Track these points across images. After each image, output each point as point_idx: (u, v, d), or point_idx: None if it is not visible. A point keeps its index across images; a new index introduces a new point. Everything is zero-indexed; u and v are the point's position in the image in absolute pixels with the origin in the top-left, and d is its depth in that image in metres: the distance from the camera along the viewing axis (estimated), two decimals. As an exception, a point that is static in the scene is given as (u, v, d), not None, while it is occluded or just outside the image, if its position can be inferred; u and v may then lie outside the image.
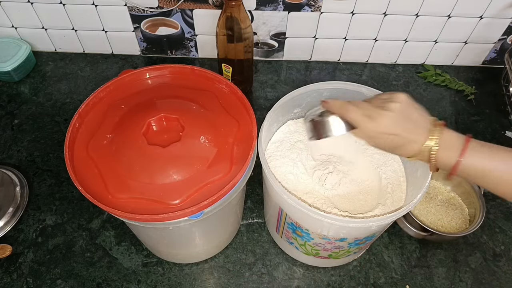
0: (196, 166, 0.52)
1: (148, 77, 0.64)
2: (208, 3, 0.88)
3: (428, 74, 0.98)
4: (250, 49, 0.83)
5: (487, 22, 0.90)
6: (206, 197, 0.50)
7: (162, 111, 0.56)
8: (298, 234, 0.60)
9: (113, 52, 1.02)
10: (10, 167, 0.78)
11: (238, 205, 0.67)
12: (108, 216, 0.74)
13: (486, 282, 0.69)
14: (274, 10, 0.89)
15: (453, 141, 0.48)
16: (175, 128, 0.55)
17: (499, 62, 1.00)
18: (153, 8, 0.89)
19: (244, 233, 0.73)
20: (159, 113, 0.56)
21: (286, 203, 0.53)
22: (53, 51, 1.02)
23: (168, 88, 0.63)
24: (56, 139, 0.85)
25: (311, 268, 0.70)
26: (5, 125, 0.87)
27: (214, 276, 0.69)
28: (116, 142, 0.54)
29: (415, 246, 0.72)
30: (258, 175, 0.75)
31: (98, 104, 0.61)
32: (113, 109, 0.59)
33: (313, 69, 1.00)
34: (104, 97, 0.61)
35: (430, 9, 0.88)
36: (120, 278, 0.68)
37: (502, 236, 0.74)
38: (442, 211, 0.74)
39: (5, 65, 0.91)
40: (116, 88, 0.62)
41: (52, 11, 0.91)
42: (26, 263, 0.69)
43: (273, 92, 0.95)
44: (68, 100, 0.92)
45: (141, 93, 0.62)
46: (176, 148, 0.53)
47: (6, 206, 0.73)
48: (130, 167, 0.52)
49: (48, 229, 0.73)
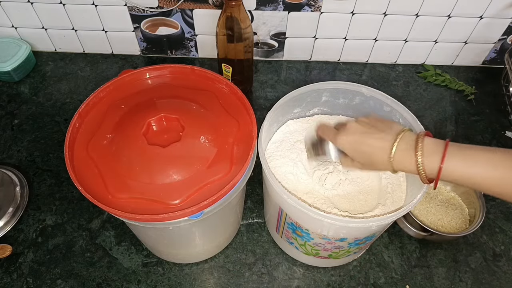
0: (196, 166, 0.52)
1: (148, 77, 0.64)
2: (208, 3, 0.88)
3: (428, 74, 0.98)
4: (250, 49, 0.83)
5: (487, 22, 0.90)
6: (206, 197, 0.50)
7: (162, 111, 0.56)
8: (298, 234, 0.60)
9: (113, 52, 1.02)
10: (10, 167, 0.78)
11: (238, 205, 0.67)
12: (108, 216, 0.74)
13: (486, 282, 0.69)
14: (274, 10, 0.89)
15: (434, 147, 0.47)
16: (175, 128, 0.55)
17: (499, 62, 1.00)
18: (153, 8, 0.89)
19: (244, 233, 0.73)
20: (159, 113, 0.56)
21: (286, 203, 0.53)
22: (53, 51, 1.02)
23: (168, 88, 0.63)
24: (56, 139, 0.85)
25: (311, 268, 0.70)
26: (5, 125, 0.87)
27: (214, 276, 0.69)
28: (116, 142, 0.54)
29: (415, 246, 0.72)
30: (258, 175, 0.75)
31: (98, 104, 0.61)
32: (113, 109, 0.59)
33: (313, 69, 1.00)
34: (104, 97, 0.61)
35: (430, 9, 0.88)
36: (120, 278, 0.68)
37: (502, 236, 0.74)
38: (442, 211, 0.74)
39: (5, 65, 0.91)
40: (116, 88, 0.62)
41: (52, 11, 0.91)
42: (26, 263, 0.69)
43: (273, 92, 0.95)
44: (68, 100, 0.92)
45: (141, 93, 0.62)
46: (176, 148, 0.53)
47: (6, 206, 0.73)
48: (130, 167, 0.52)
49: (48, 229, 0.73)
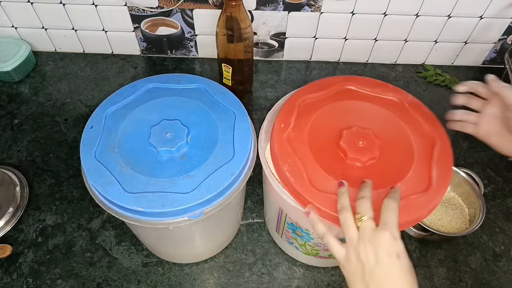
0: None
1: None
2: (208, 3, 0.88)
3: (428, 74, 0.98)
4: (250, 49, 0.83)
5: (487, 22, 0.90)
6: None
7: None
8: (298, 234, 0.60)
9: (113, 52, 1.02)
10: (10, 167, 0.78)
11: (238, 205, 0.67)
12: (108, 216, 0.74)
13: (486, 282, 0.69)
14: (274, 10, 0.89)
15: None
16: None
17: (499, 62, 1.00)
18: (153, 8, 0.89)
19: (244, 233, 0.73)
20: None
21: (286, 203, 0.53)
22: (53, 51, 1.02)
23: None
24: (56, 139, 0.85)
25: (311, 268, 0.70)
26: (5, 125, 0.87)
27: (214, 276, 0.69)
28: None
29: (415, 246, 0.72)
30: (258, 175, 0.75)
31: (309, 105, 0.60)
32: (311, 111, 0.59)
33: (313, 69, 1.00)
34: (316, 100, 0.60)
35: (430, 9, 0.88)
36: (120, 278, 0.68)
37: (502, 236, 0.74)
38: (442, 211, 0.74)
39: (5, 65, 0.91)
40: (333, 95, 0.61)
41: (52, 11, 0.91)
42: (26, 263, 0.69)
43: (273, 92, 0.95)
44: (68, 100, 0.92)
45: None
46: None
47: (6, 206, 0.73)
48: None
49: (48, 229, 0.73)
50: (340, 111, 0.59)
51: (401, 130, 0.57)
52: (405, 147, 0.55)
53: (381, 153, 0.53)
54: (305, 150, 0.54)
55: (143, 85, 0.62)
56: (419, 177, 0.52)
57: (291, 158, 0.52)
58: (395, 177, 0.51)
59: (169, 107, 0.59)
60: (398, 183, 0.51)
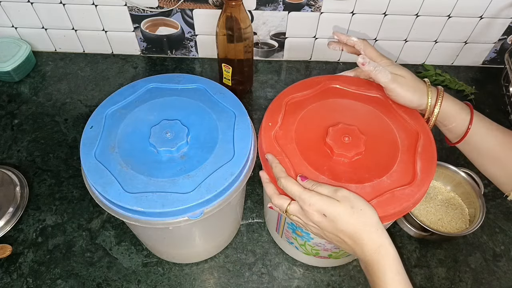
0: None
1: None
2: (208, 3, 0.88)
3: (428, 74, 0.98)
4: (250, 49, 0.83)
5: (487, 22, 0.90)
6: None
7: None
8: (298, 234, 0.60)
9: (113, 52, 1.02)
10: (10, 167, 0.78)
11: (238, 205, 0.67)
12: (108, 216, 0.74)
13: (486, 282, 0.69)
14: (274, 10, 0.89)
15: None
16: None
17: (499, 62, 1.00)
18: (153, 8, 0.89)
19: (244, 233, 0.73)
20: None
21: (286, 203, 0.53)
22: (53, 51, 1.02)
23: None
24: (56, 139, 0.85)
25: (311, 268, 0.70)
26: (5, 125, 0.87)
27: (214, 276, 0.69)
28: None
29: (415, 246, 0.72)
30: (258, 175, 0.75)
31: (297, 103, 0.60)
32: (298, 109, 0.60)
33: (313, 69, 1.00)
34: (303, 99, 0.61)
35: (430, 9, 0.88)
36: (120, 278, 0.68)
37: (502, 236, 0.74)
38: (442, 211, 0.74)
39: (5, 65, 0.91)
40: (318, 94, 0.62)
41: (52, 11, 0.91)
42: (26, 263, 0.69)
43: (273, 92, 0.95)
44: (68, 100, 0.92)
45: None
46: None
47: (6, 206, 0.73)
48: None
49: (48, 229, 0.73)
50: (326, 109, 0.60)
51: (385, 125, 0.58)
52: (389, 142, 0.56)
53: (366, 148, 0.54)
54: (292, 148, 0.55)
55: (143, 85, 0.62)
56: (404, 170, 0.53)
57: (279, 156, 0.53)
58: (380, 171, 0.52)
59: (169, 107, 0.59)
60: (383, 176, 0.52)
